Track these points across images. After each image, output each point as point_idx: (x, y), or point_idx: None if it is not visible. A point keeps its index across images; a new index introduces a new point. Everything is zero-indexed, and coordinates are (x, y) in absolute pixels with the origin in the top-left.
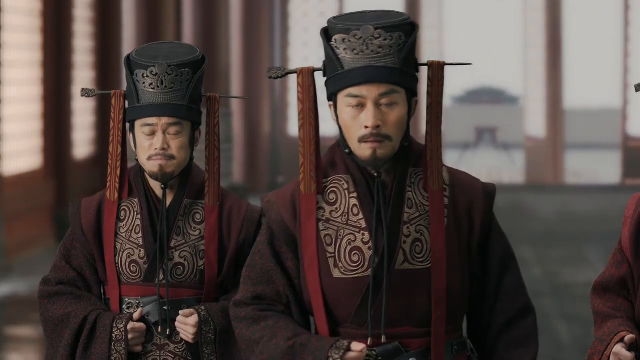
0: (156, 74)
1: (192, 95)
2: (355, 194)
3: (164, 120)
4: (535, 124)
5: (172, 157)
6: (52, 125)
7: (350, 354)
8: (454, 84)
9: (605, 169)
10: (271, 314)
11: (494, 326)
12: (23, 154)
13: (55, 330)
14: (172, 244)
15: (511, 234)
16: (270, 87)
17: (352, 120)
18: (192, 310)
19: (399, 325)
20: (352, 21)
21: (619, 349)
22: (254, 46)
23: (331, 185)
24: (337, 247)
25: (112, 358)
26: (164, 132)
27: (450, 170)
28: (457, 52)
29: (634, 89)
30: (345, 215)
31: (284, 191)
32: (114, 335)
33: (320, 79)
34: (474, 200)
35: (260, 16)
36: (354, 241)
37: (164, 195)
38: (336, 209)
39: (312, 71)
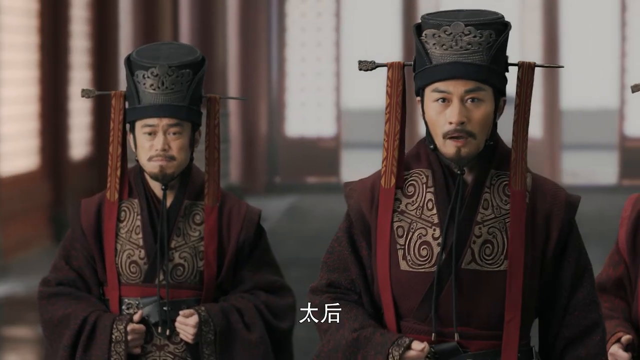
0: (157, 74)
1: (192, 96)
2: (432, 189)
3: (165, 121)
4: (532, 125)
5: (172, 158)
6: (49, 126)
7: (410, 353)
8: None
9: (602, 169)
10: (343, 303)
11: (560, 339)
12: (20, 155)
13: (55, 331)
14: (172, 245)
15: None
16: (267, 88)
17: (437, 115)
18: (192, 310)
19: (459, 324)
20: (445, 17)
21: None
22: (251, 46)
23: (411, 179)
24: (408, 239)
25: (112, 359)
26: (165, 133)
27: (535, 177)
28: None
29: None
30: (419, 209)
31: (366, 180)
32: (113, 336)
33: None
34: (553, 209)
35: (257, 16)
36: (424, 235)
37: (164, 196)
38: (412, 201)
39: (402, 66)
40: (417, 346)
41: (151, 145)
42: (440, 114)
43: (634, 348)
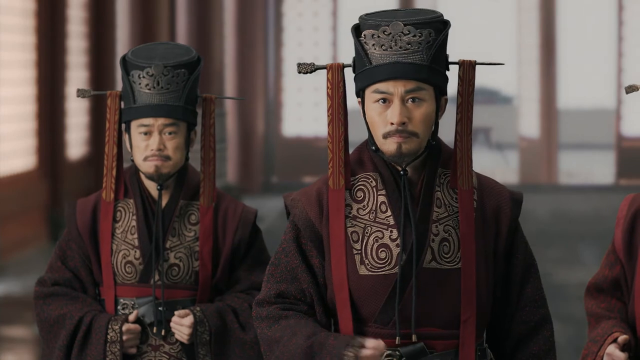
0: (152, 74)
1: (188, 96)
2: (383, 192)
3: (160, 121)
4: (529, 124)
5: (168, 158)
6: (46, 126)
7: (365, 352)
8: (448, 84)
9: (599, 169)
10: (292, 313)
11: (512, 336)
12: (17, 155)
13: (51, 331)
14: (167, 245)
15: None
16: (264, 87)
17: (378, 116)
18: (187, 311)
19: (423, 325)
20: (384, 17)
21: (612, 349)
22: (248, 46)
23: (359, 183)
24: (364, 244)
25: (107, 359)
26: (160, 132)
27: (478, 175)
28: (450, 52)
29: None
30: (372, 213)
31: (309, 189)
32: (109, 336)
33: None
34: (501, 206)
35: (255, 16)
36: (381, 238)
37: (160, 196)
38: (363, 206)
39: (341, 67)
40: (371, 344)
41: (147, 145)
42: (381, 114)
43: (630, 348)
